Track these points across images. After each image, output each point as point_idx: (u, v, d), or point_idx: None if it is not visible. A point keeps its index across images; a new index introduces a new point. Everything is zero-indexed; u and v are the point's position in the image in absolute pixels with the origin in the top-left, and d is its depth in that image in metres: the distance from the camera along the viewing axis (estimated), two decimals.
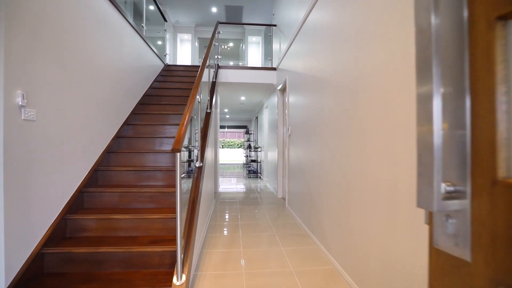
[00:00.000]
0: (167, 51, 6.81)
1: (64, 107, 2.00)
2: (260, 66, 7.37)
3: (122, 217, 2.05)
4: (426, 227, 1.17)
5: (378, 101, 1.53)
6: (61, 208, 1.97)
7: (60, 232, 1.92)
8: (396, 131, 1.35)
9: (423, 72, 0.46)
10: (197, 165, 2.50)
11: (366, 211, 1.64)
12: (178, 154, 1.46)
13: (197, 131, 2.76)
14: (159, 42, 6.35)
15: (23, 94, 1.56)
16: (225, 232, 2.94)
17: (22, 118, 1.57)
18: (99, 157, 2.54)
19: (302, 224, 3.10)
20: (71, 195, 2.09)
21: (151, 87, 4.18)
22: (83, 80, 2.27)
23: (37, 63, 1.71)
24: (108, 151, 2.69)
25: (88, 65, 2.35)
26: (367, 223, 1.63)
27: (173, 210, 2.05)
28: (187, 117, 1.73)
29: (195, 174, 2.43)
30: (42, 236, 1.76)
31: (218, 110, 5.47)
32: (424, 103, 0.45)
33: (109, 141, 2.76)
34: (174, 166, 1.95)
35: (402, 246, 1.30)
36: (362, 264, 1.70)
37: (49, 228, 1.81)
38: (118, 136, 2.93)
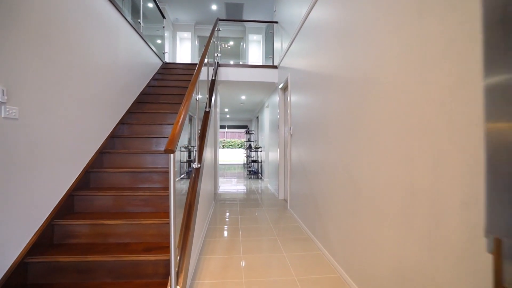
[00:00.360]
0: (166, 49, 6.68)
1: (53, 104, 1.87)
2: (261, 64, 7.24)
3: (114, 222, 1.92)
4: (449, 235, 1.03)
5: (390, 97, 1.39)
6: (48, 213, 1.83)
7: (47, 239, 1.79)
8: (412, 131, 1.22)
9: (496, 55, 0.33)
10: (194, 167, 2.37)
11: (376, 216, 1.51)
12: (172, 155, 1.33)
13: (198, 131, 2.62)
14: (159, 41, 6.23)
15: (3, 90, 1.43)
16: (225, 236, 2.81)
17: (2, 116, 1.44)
18: (92, 158, 2.41)
19: (305, 227, 2.97)
20: (60, 198, 1.96)
21: (148, 85, 4.05)
22: (75, 76, 2.14)
23: (20, 58, 1.58)
24: (102, 152, 2.56)
25: (80, 61, 2.22)
26: (377, 229, 1.50)
27: None
28: (182, 115, 1.59)
29: (193, 176, 2.30)
30: (26, 243, 1.62)
31: (218, 109, 5.34)
32: (500, 93, 0.32)
33: (102, 141, 2.63)
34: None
35: (418, 255, 1.17)
36: (371, 273, 1.56)
37: (34, 235, 1.68)
38: (112, 136, 2.80)
